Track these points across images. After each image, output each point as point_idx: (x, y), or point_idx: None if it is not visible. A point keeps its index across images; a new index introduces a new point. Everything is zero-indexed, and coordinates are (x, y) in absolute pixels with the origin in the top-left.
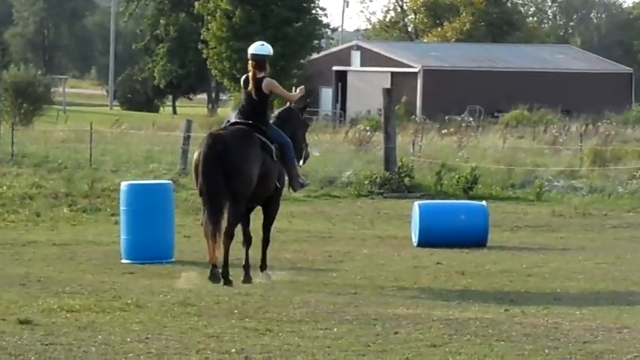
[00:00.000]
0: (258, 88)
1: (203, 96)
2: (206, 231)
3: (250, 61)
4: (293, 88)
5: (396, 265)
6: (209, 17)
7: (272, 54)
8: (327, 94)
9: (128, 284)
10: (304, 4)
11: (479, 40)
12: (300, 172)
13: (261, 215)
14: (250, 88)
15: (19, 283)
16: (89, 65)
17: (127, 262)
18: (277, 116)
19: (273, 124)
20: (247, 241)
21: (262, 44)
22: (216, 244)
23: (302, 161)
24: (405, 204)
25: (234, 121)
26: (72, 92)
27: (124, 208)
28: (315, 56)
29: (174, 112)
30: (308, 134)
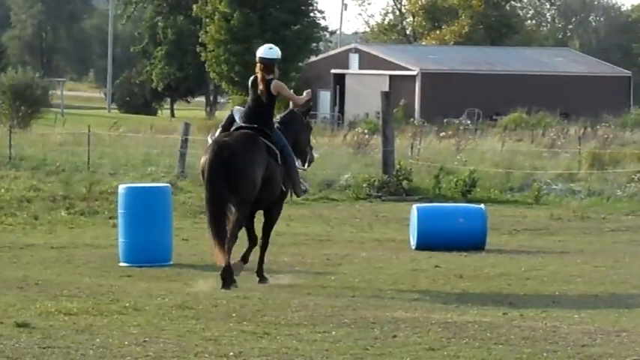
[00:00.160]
0: (267, 89)
1: (201, 99)
2: (211, 237)
3: (258, 64)
4: (304, 93)
5: (394, 268)
6: (207, 20)
7: (280, 58)
8: (325, 97)
9: (126, 287)
10: (303, 7)
11: (477, 43)
12: (301, 177)
13: (262, 218)
14: (261, 89)
15: (16, 286)
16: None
17: (124, 265)
18: (280, 120)
19: (277, 128)
20: (252, 243)
21: (271, 47)
22: (223, 249)
23: (307, 165)
24: (403, 207)
25: (240, 126)
26: (70, 95)
27: (122, 211)
28: (313, 59)
29: (172, 115)
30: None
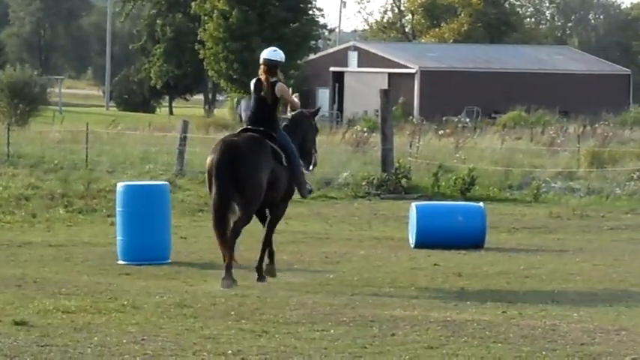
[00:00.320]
0: (272, 92)
1: (200, 97)
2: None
3: (262, 66)
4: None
5: (393, 266)
6: (206, 18)
7: (284, 60)
8: (324, 95)
9: (124, 285)
10: (301, 5)
11: (476, 41)
12: (305, 178)
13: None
14: (266, 91)
15: (14, 284)
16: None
17: (123, 263)
18: (290, 119)
19: (286, 126)
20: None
21: (275, 50)
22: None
23: (311, 167)
24: (402, 205)
25: (245, 128)
26: (68, 93)
27: (120, 209)
28: (312, 57)
29: (170, 112)
30: None
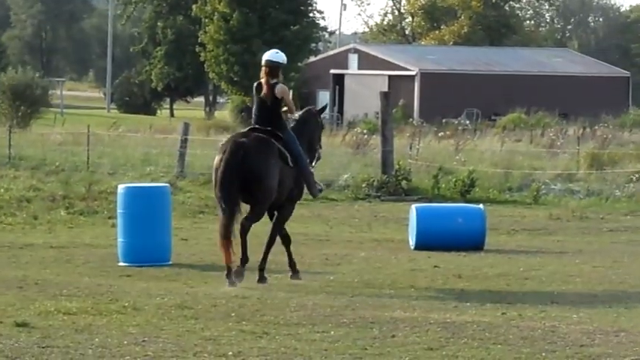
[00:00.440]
0: (272, 93)
1: (200, 99)
2: (220, 234)
3: (264, 67)
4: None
5: (393, 268)
6: (207, 20)
7: (286, 62)
8: (324, 98)
9: (125, 287)
10: (302, 7)
11: (476, 43)
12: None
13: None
14: (265, 92)
15: (16, 286)
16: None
17: (124, 265)
18: (298, 119)
19: (293, 127)
20: (286, 241)
21: (277, 52)
22: (230, 248)
23: (314, 162)
24: (402, 207)
25: (253, 127)
26: (69, 95)
27: (122, 211)
28: (312, 59)
29: (171, 114)
30: None
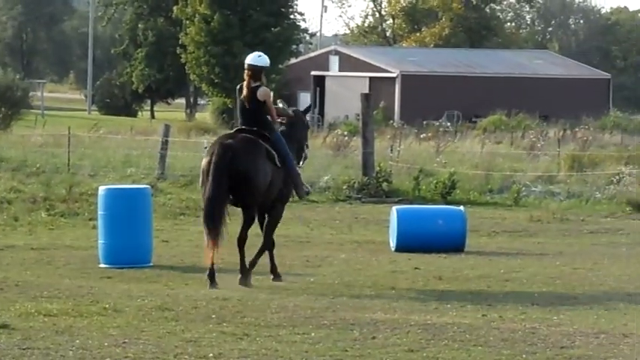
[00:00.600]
0: (253, 96)
1: (181, 100)
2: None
3: (246, 71)
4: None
5: (373, 270)
6: (187, 22)
7: (269, 65)
8: (305, 99)
9: (106, 289)
10: (282, 9)
11: (457, 45)
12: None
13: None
14: (245, 95)
15: None
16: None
17: (104, 267)
18: (286, 123)
19: (282, 131)
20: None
21: (260, 55)
22: (215, 249)
23: (302, 162)
24: (382, 209)
25: (239, 128)
26: (50, 97)
27: (102, 213)
28: (293, 61)
29: (152, 116)
30: None
